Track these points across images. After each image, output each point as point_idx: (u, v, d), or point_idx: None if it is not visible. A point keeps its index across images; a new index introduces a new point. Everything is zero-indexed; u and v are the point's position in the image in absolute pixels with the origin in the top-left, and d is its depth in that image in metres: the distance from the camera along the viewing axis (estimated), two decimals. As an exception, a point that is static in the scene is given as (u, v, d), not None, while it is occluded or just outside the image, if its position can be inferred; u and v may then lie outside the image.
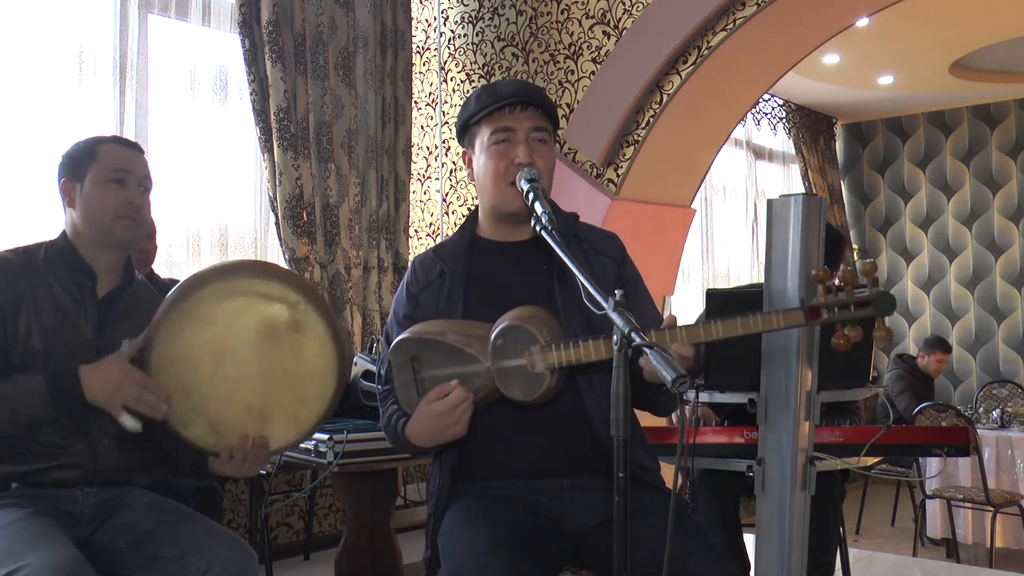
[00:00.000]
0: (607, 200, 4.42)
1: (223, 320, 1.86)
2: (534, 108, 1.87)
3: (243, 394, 1.88)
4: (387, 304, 4.42)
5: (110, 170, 1.95)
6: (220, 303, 1.86)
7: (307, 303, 1.89)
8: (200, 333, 1.85)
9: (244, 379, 1.88)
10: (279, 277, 1.90)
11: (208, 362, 1.86)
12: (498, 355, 1.70)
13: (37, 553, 1.66)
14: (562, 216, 1.96)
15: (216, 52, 4.11)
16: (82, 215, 1.95)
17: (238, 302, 1.87)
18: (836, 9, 4.26)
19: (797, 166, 7.54)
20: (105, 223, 1.94)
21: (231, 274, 1.90)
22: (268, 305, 1.88)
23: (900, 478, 5.59)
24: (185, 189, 3.97)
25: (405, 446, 1.83)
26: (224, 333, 1.86)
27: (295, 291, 1.89)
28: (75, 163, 1.97)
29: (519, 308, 1.75)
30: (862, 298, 1.57)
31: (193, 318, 1.85)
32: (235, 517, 3.95)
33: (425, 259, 1.97)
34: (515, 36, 4.85)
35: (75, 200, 1.95)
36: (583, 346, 1.66)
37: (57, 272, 1.94)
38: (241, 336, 1.87)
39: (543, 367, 1.67)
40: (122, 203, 1.94)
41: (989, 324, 7.48)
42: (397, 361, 1.77)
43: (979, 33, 6.00)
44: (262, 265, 2.01)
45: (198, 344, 1.85)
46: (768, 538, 2.20)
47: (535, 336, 1.67)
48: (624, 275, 1.96)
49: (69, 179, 1.96)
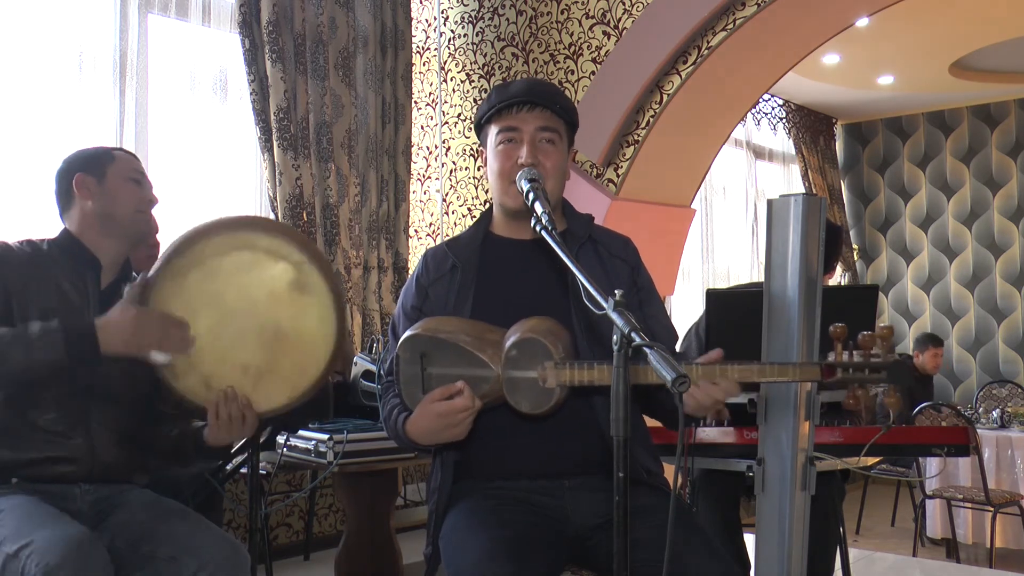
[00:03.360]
0: (607, 200, 4.42)
1: (225, 273, 1.85)
2: (542, 108, 1.86)
3: (241, 352, 1.87)
4: (387, 304, 4.42)
5: (131, 170, 2.05)
6: (224, 255, 1.85)
7: (312, 264, 1.88)
8: (201, 283, 1.84)
9: (244, 336, 1.87)
10: (285, 235, 1.90)
11: (207, 313, 1.85)
12: (510, 365, 1.69)
13: (45, 529, 1.68)
14: (577, 218, 1.96)
15: (216, 52, 4.11)
16: (100, 207, 2.00)
17: (243, 256, 1.86)
18: (836, 9, 4.27)
19: (797, 166, 7.54)
20: (128, 215, 2.02)
21: (237, 227, 1.89)
22: (273, 262, 1.87)
23: (900, 478, 5.60)
24: (185, 189, 3.97)
25: (403, 441, 1.83)
26: (226, 287, 1.86)
27: (300, 250, 1.88)
28: (93, 160, 2.04)
29: (535, 319, 1.74)
30: (877, 364, 1.65)
31: (195, 266, 1.84)
32: (235, 517, 3.95)
33: (437, 252, 1.97)
34: (515, 36, 4.85)
35: (92, 193, 2.00)
36: (597, 369, 1.66)
37: (61, 263, 1.97)
38: (244, 292, 1.86)
39: (554, 383, 1.67)
40: (143, 200, 2.04)
41: (989, 324, 7.48)
42: (406, 356, 1.75)
43: (979, 33, 6.00)
44: (268, 222, 2.02)
45: (198, 294, 1.84)
46: (768, 538, 2.20)
47: (550, 351, 1.66)
48: (638, 281, 1.95)
49: (85, 173, 2.01)
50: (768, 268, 2.20)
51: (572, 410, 1.78)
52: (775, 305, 2.16)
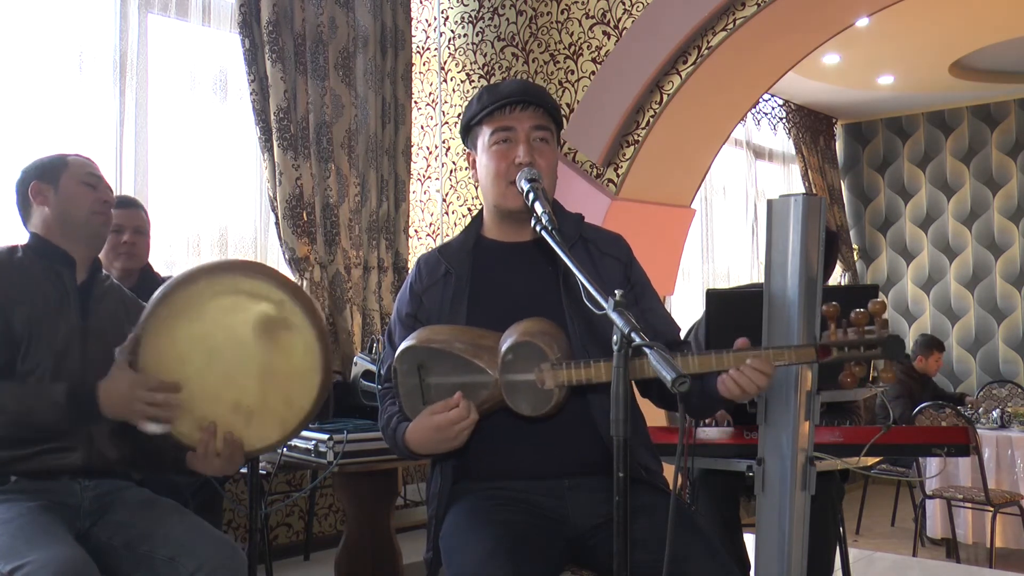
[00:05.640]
0: (607, 200, 4.42)
1: (211, 317, 1.89)
2: (535, 108, 1.86)
3: (231, 391, 1.91)
4: (387, 304, 4.42)
5: (84, 174, 2.12)
6: (208, 300, 1.90)
7: (292, 302, 1.92)
8: (188, 329, 1.89)
9: (232, 376, 1.90)
10: (264, 275, 1.94)
11: (196, 358, 1.89)
12: (507, 369, 1.69)
13: (40, 550, 1.68)
14: (567, 217, 1.95)
15: (216, 52, 4.11)
16: (57, 212, 2.07)
17: (225, 300, 1.90)
18: (836, 9, 4.26)
19: (797, 166, 7.54)
20: (84, 217, 2.08)
21: (219, 272, 1.94)
22: (255, 303, 1.91)
23: (900, 478, 5.59)
24: (185, 189, 3.97)
25: (401, 451, 1.83)
26: (212, 330, 1.90)
27: (280, 289, 1.92)
28: (47, 168, 2.11)
29: (529, 321, 1.74)
30: (872, 340, 1.64)
31: (181, 314, 1.89)
32: (235, 517, 3.95)
33: (430, 259, 1.97)
34: (515, 36, 4.85)
35: (48, 200, 2.08)
36: (594, 367, 1.66)
37: (38, 265, 2.03)
38: (229, 333, 1.90)
39: (552, 384, 1.67)
40: (97, 200, 2.10)
41: (989, 324, 7.48)
42: (403, 368, 1.75)
43: (979, 33, 6.00)
44: (248, 264, 2.07)
45: (186, 340, 1.89)
46: (768, 538, 2.20)
47: (545, 353, 1.67)
48: (632, 276, 1.95)
49: (40, 181, 2.09)
50: (768, 268, 2.20)
51: (571, 410, 1.77)
52: (775, 305, 2.16)
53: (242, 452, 1.93)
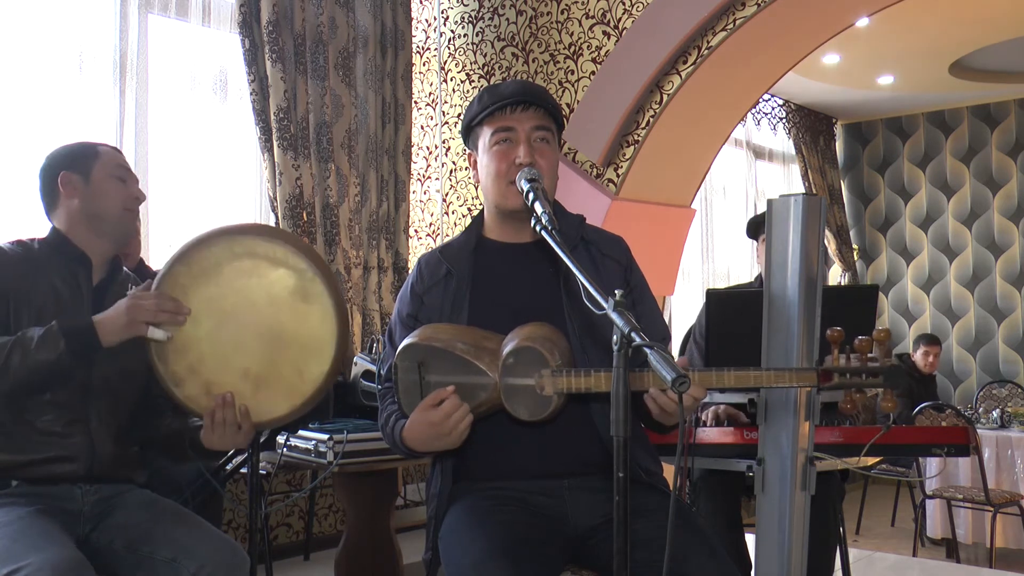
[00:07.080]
0: (607, 200, 4.42)
1: (227, 279, 1.86)
2: (536, 108, 1.86)
3: (241, 357, 1.87)
4: (387, 304, 4.42)
5: (115, 166, 2.04)
6: (226, 262, 1.86)
7: (314, 272, 1.88)
8: (202, 289, 1.85)
9: (244, 341, 1.87)
10: (287, 242, 1.90)
11: (209, 320, 1.85)
12: (507, 372, 1.69)
13: (38, 553, 1.66)
14: (569, 219, 1.95)
15: (216, 52, 4.11)
16: (87, 206, 1.99)
17: (244, 263, 1.87)
18: (836, 9, 4.27)
19: (797, 166, 7.54)
20: (116, 213, 2.01)
21: (238, 234, 1.90)
22: (274, 269, 1.87)
23: (900, 478, 5.59)
24: (185, 189, 3.97)
25: (400, 449, 1.82)
26: (227, 292, 1.86)
27: (303, 258, 1.88)
28: (78, 157, 2.02)
29: (532, 325, 1.74)
30: (874, 368, 1.66)
31: (197, 273, 1.85)
32: (235, 517, 3.95)
33: (431, 259, 1.97)
34: (515, 36, 4.85)
35: (78, 191, 1.99)
36: (594, 376, 1.66)
37: (53, 262, 1.97)
38: (244, 297, 1.86)
39: (552, 391, 1.67)
40: (129, 197, 2.04)
41: (989, 324, 7.48)
42: (404, 365, 1.75)
43: (979, 33, 6.00)
44: (271, 229, 2.02)
45: (200, 300, 1.85)
46: (768, 538, 2.20)
47: (547, 359, 1.66)
48: (631, 280, 1.95)
49: (70, 171, 2.00)
50: (768, 268, 2.20)
51: (571, 411, 1.77)
52: (775, 305, 2.16)
53: (251, 424, 1.88)
